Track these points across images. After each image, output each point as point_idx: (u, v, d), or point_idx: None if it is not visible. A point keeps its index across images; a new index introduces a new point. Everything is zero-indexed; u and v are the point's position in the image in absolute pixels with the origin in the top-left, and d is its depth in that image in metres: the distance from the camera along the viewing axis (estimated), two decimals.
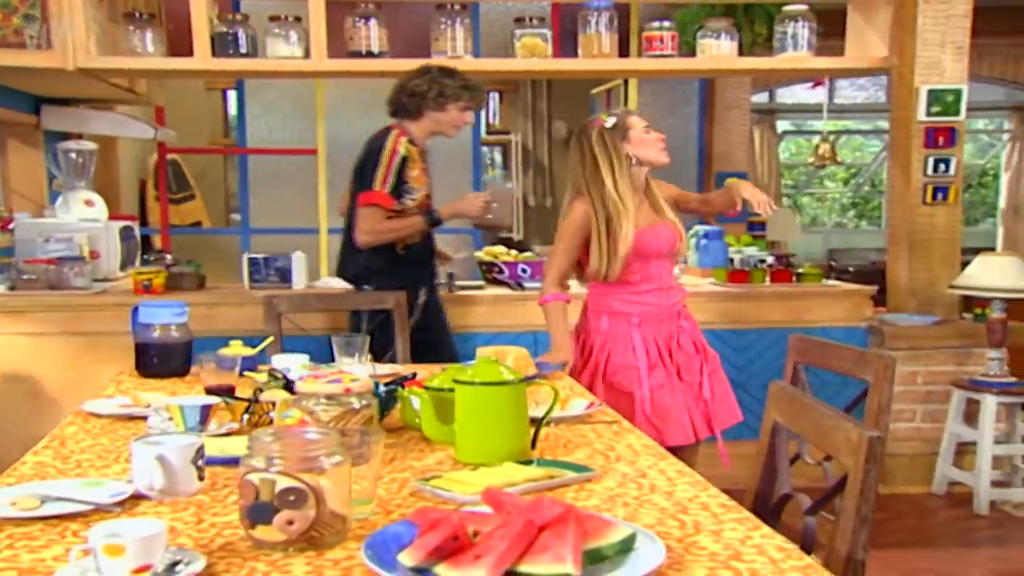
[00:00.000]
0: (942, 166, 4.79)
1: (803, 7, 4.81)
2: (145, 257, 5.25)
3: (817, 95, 10.61)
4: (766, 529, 1.55)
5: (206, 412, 2.19)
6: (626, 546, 1.41)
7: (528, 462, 1.95)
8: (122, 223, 5.14)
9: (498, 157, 10.14)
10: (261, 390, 2.44)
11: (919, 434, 4.79)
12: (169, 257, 5.19)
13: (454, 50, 4.77)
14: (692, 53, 5.04)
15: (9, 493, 1.72)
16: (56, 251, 4.67)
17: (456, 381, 2.04)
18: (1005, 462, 4.64)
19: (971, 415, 4.60)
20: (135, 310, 3.00)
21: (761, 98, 9.84)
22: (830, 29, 5.36)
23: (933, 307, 4.84)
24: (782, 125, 10.67)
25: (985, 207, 12.01)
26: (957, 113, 4.78)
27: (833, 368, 2.63)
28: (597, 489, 1.81)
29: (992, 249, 9.77)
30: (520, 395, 2.02)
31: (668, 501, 1.72)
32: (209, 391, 2.53)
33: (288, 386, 2.51)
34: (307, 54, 4.70)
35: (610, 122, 3.43)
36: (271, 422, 2.27)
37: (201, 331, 4.37)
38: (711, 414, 3.45)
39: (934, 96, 4.77)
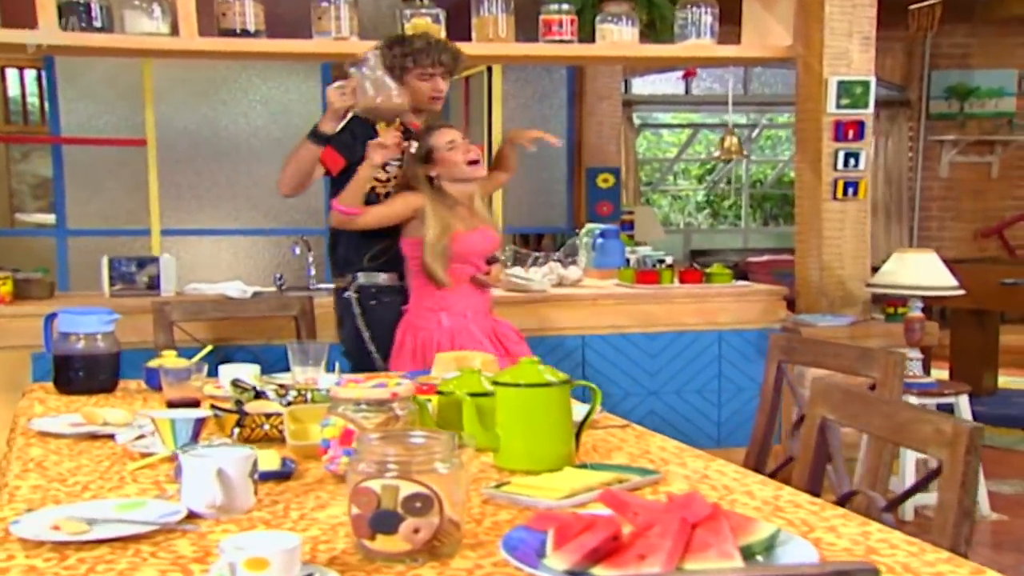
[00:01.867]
0: (852, 160, 5.12)
1: None
2: None
3: (674, 86, 11.08)
4: (876, 525, 1.70)
5: (199, 426, 2.19)
6: (771, 543, 1.53)
7: (582, 466, 2.05)
8: None
9: None
10: (240, 402, 2.44)
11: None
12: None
13: (339, 31, 4.79)
14: (591, 39, 5.21)
15: (42, 518, 1.70)
16: None
17: (497, 383, 2.11)
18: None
19: None
20: (49, 319, 2.94)
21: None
22: (725, 16, 5.63)
23: (845, 307, 5.16)
24: (638, 118, 11.05)
25: None
26: (866, 105, 5.12)
27: (828, 367, 2.82)
28: (672, 491, 1.92)
29: None
30: (565, 397, 2.11)
31: (754, 500, 1.85)
32: (172, 405, 2.52)
33: (257, 397, 2.52)
34: (174, 30, 4.63)
35: (414, 147, 3.76)
36: (265, 435, 2.29)
37: None
38: None
39: (843, 88, 5.09)
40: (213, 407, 2.33)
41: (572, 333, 4.92)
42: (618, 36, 5.14)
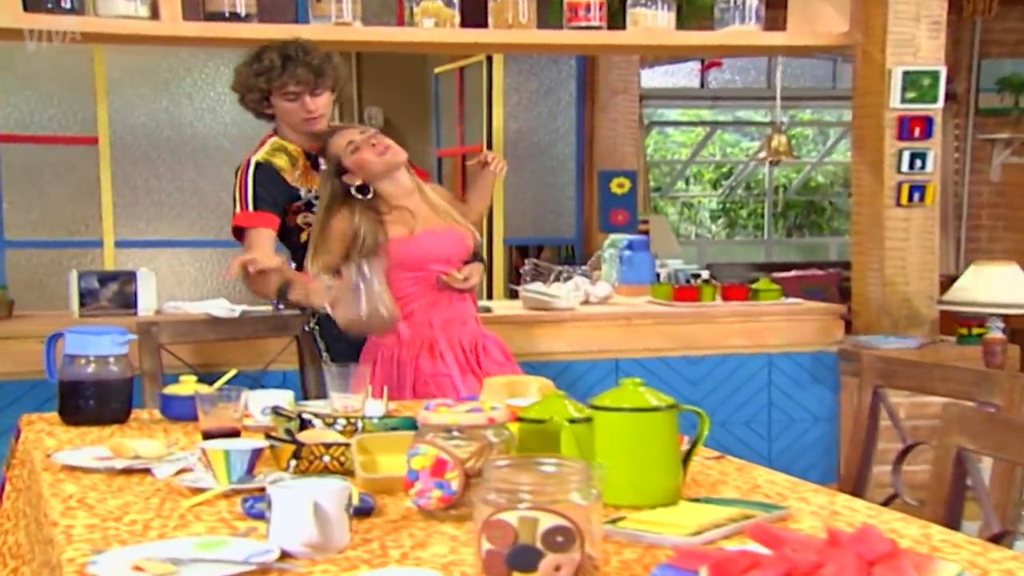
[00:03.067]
0: (918, 161, 5.22)
1: None
2: None
3: (687, 78, 11.20)
4: None
5: (255, 458, 2.23)
6: None
7: (696, 500, 2.10)
8: None
9: None
10: (291, 431, 2.49)
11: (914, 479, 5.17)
12: None
13: (339, 15, 4.85)
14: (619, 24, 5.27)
15: (118, 559, 1.74)
16: None
17: (597, 407, 2.16)
18: None
19: None
20: (52, 340, 2.97)
21: None
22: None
23: (911, 327, 5.24)
24: (647, 115, 11.15)
25: (843, 217, 12.81)
26: (935, 99, 5.22)
27: (938, 392, 2.88)
28: (805, 528, 1.98)
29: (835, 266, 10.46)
30: (672, 423, 2.16)
31: (903, 539, 1.90)
32: (209, 436, 2.56)
33: (303, 426, 2.57)
34: (155, 14, 4.68)
35: (325, 165, 3.84)
36: (324, 468, 2.33)
37: (25, 371, 4.30)
38: None
39: (909, 79, 5.19)
40: (268, 436, 2.37)
41: (604, 357, 4.98)
42: (652, 22, 5.21)
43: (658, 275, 5.85)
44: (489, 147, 7.51)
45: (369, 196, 3.76)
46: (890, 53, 5.19)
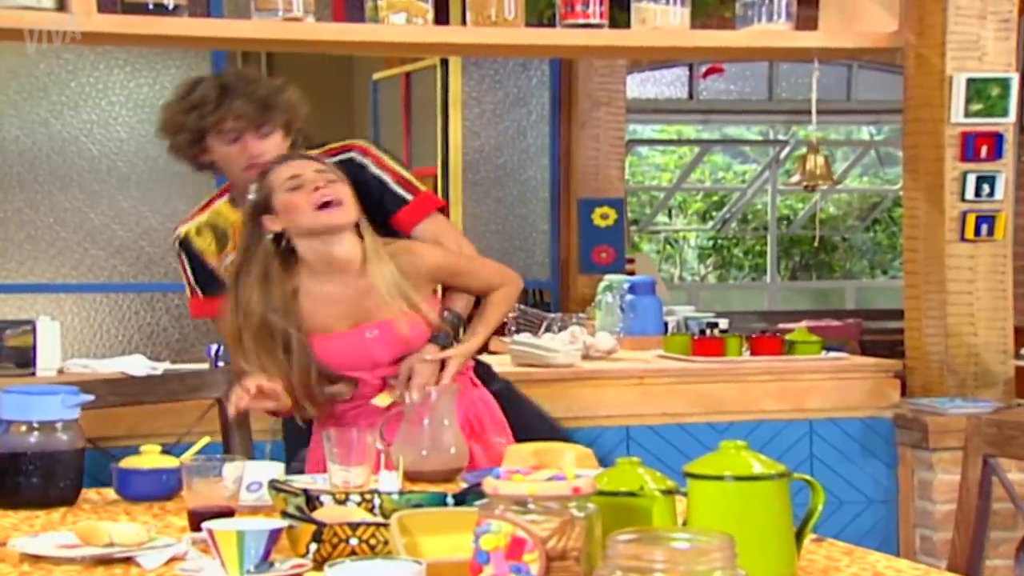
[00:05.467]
0: (985, 186, 5.32)
1: None
2: None
3: (671, 88, 11.36)
4: None
5: (272, 541, 2.27)
6: None
7: None
8: None
9: None
10: (302, 509, 2.53)
11: None
12: None
13: (288, 8, 4.88)
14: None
15: None
16: None
17: (693, 476, 2.22)
18: None
19: None
20: None
21: None
22: None
23: (981, 388, 5.34)
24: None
25: (897, 252, 13.08)
26: (1005, 112, 5.32)
27: None
28: None
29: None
30: (784, 495, 2.23)
31: None
32: (196, 515, 2.59)
33: (309, 501, 2.61)
34: (61, 5, 4.70)
35: (252, 191, 3.65)
36: (352, 552, 2.37)
37: None
38: None
39: (974, 88, 5.30)
40: (286, 514, 2.41)
41: (612, 424, 5.03)
42: (662, 20, 5.29)
43: (666, 324, 5.93)
44: (444, 169, 7.57)
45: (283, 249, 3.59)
46: (950, 57, 5.29)
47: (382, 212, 3.87)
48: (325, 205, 3.50)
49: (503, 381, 4.17)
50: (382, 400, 3.58)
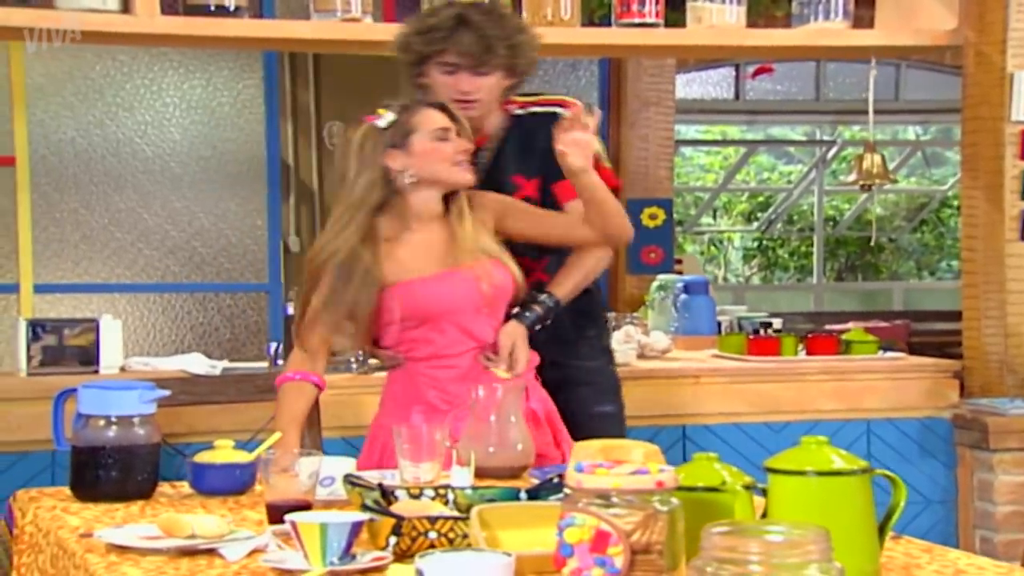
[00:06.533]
0: None
1: None
2: None
3: (717, 88, 11.35)
4: None
5: (355, 534, 2.29)
6: None
7: None
8: None
9: None
10: (380, 503, 2.55)
11: None
12: None
13: (346, 8, 4.92)
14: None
15: None
16: None
17: (774, 471, 2.23)
18: None
19: None
20: (61, 398, 3.02)
21: None
22: None
23: None
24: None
25: (944, 253, 13.05)
26: None
27: None
28: None
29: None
30: (867, 491, 2.24)
31: None
32: (274, 508, 2.62)
33: (384, 494, 2.64)
34: (126, 7, 4.74)
35: (384, 120, 3.63)
36: (431, 545, 2.39)
37: None
38: None
39: None
40: (365, 507, 2.43)
41: (668, 423, 5.05)
42: (718, 19, 5.30)
43: (719, 324, 5.95)
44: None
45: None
46: (1011, 55, 5.28)
47: (552, 174, 3.80)
48: (462, 163, 3.58)
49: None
50: (502, 373, 3.58)
